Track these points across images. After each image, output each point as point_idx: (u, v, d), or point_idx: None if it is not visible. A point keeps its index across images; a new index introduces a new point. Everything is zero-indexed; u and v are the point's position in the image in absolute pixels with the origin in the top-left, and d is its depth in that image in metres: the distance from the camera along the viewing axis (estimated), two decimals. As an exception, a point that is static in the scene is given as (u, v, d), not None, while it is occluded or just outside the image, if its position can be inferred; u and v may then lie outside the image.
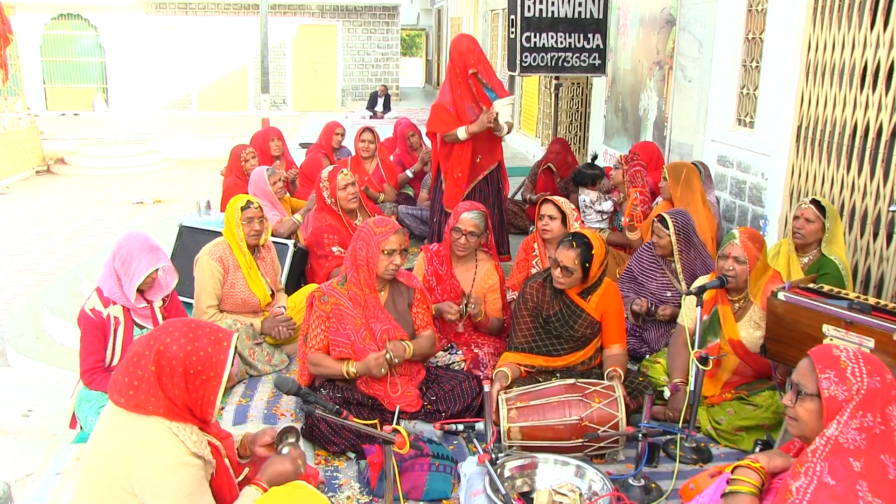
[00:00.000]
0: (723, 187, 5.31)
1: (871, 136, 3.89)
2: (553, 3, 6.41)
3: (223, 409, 3.45)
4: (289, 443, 2.34)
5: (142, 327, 3.28)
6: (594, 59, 6.64)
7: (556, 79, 8.04)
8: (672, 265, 3.97)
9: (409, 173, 6.50)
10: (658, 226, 3.93)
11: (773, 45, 4.70)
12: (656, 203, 4.92)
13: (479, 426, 2.87)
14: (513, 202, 6.43)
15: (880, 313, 2.58)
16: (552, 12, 6.43)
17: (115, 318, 3.22)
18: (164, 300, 3.39)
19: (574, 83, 9.48)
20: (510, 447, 2.99)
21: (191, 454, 2.00)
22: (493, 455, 2.68)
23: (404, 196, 6.37)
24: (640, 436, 2.76)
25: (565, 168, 6.52)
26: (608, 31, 6.66)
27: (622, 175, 5.16)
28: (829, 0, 4.20)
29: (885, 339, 2.50)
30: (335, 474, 2.97)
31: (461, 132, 4.60)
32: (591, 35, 6.57)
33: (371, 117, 16.96)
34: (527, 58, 6.48)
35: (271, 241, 4.30)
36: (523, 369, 3.36)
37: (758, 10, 4.99)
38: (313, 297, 3.29)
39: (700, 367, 2.97)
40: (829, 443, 1.78)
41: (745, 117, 5.21)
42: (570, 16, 6.48)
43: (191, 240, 4.75)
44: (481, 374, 3.55)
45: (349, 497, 2.83)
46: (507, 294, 4.00)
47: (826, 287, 2.89)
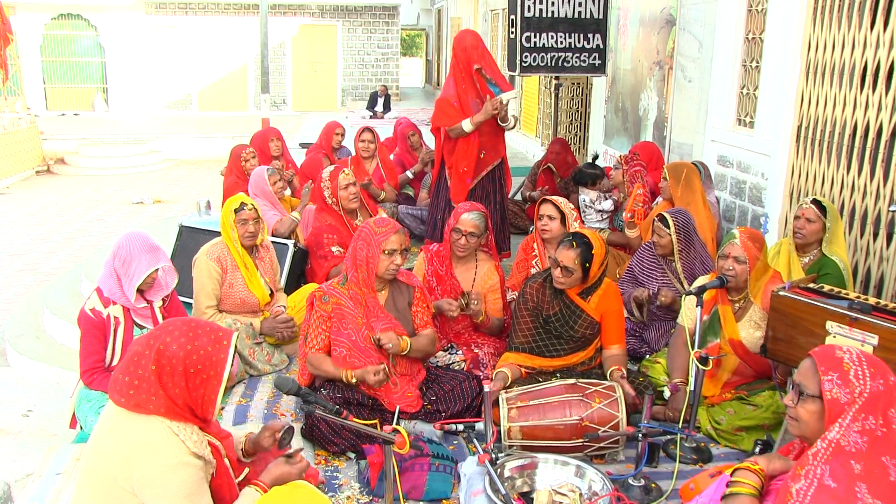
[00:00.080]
0: (723, 187, 5.31)
1: (871, 136, 3.89)
2: (553, 3, 6.41)
3: (223, 409, 3.44)
4: (295, 450, 2.34)
5: (142, 327, 3.27)
6: (594, 59, 6.64)
7: (556, 79, 8.04)
8: (672, 265, 3.97)
9: (409, 174, 6.50)
10: (659, 225, 3.93)
11: (773, 45, 4.70)
12: (656, 203, 4.92)
13: (479, 426, 2.87)
14: (513, 202, 6.42)
15: (881, 313, 2.57)
16: (552, 12, 6.43)
17: (115, 318, 3.22)
18: (163, 300, 3.39)
19: (574, 83, 9.48)
20: (510, 447, 2.99)
21: (191, 454, 2.00)
22: (493, 455, 2.68)
23: (404, 196, 6.36)
24: (640, 436, 2.76)
25: (565, 168, 6.52)
26: (608, 31, 6.66)
27: (622, 175, 5.16)
28: (829, 0, 4.21)
29: (889, 336, 2.48)
30: (335, 474, 2.97)
31: (466, 124, 4.60)
32: (591, 35, 6.57)
33: (371, 117, 16.96)
34: (527, 58, 6.48)
35: (270, 241, 4.29)
36: (524, 370, 3.36)
37: (758, 10, 4.99)
38: (314, 296, 3.29)
39: (700, 367, 2.97)
40: (831, 446, 1.77)
41: (745, 117, 5.21)
42: (570, 16, 6.48)
43: (191, 240, 4.75)
44: (481, 374, 3.55)
45: (349, 497, 2.83)
46: (507, 294, 4.00)
47: (826, 287, 2.89)
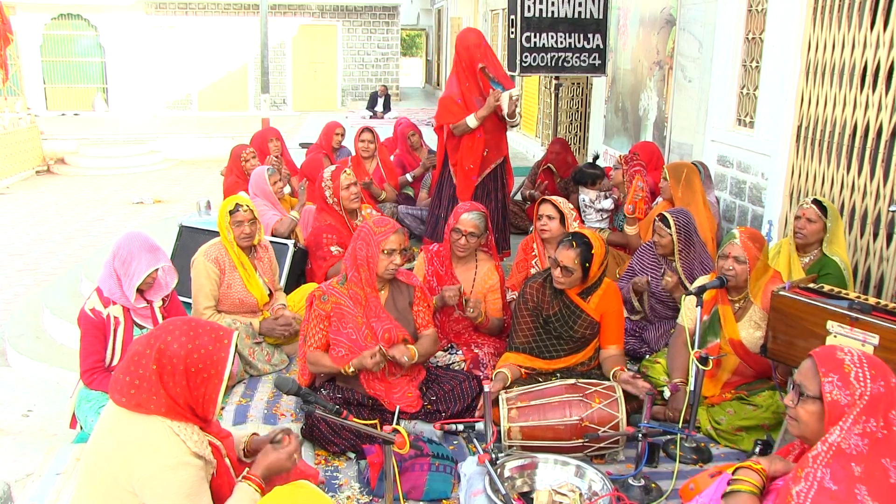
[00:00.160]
0: (723, 187, 5.31)
1: (871, 136, 3.89)
2: (553, 3, 6.41)
3: (223, 409, 3.45)
4: (279, 430, 2.28)
5: (142, 327, 3.28)
6: (594, 59, 6.64)
7: (556, 79, 8.04)
8: (673, 265, 3.97)
9: (408, 177, 6.49)
10: (660, 225, 3.93)
11: (773, 45, 4.70)
12: (656, 203, 4.92)
13: (479, 426, 2.87)
14: (513, 202, 6.41)
15: (881, 313, 2.57)
16: (552, 12, 6.43)
17: (115, 318, 3.22)
18: (163, 300, 3.39)
19: (574, 83, 9.48)
20: (510, 447, 2.99)
21: (191, 454, 2.00)
22: (493, 455, 2.68)
23: (404, 196, 6.36)
24: (640, 436, 2.76)
25: (565, 168, 6.51)
26: (608, 31, 6.66)
27: (622, 175, 5.16)
28: (829, 0, 4.21)
29: (889, 336, 2.47)
30: (335, 474, 2.97)
31: (470, 120, 4.59)
32: (591, 35, 6.57)
33: (371, 117, 16.95)
34: (527, 58, 6.48)
35: (269, 241, 4.29)
36: (524, 370, 3.36)
37: (758, 10, 4.99)
38: (313, 296, 3.29)
39: (700, 367, 2.97)
40: (832, 449, 1.77)
41: (745, 117, 5.21)
42: (570, 16, 6.48)
43: (191, 240, 4.75)
44: (481, 374, 3.55)
45: (349, 497, 2.83)
46: (507, 294, 4.00)
47: (826, 287, 2.89)
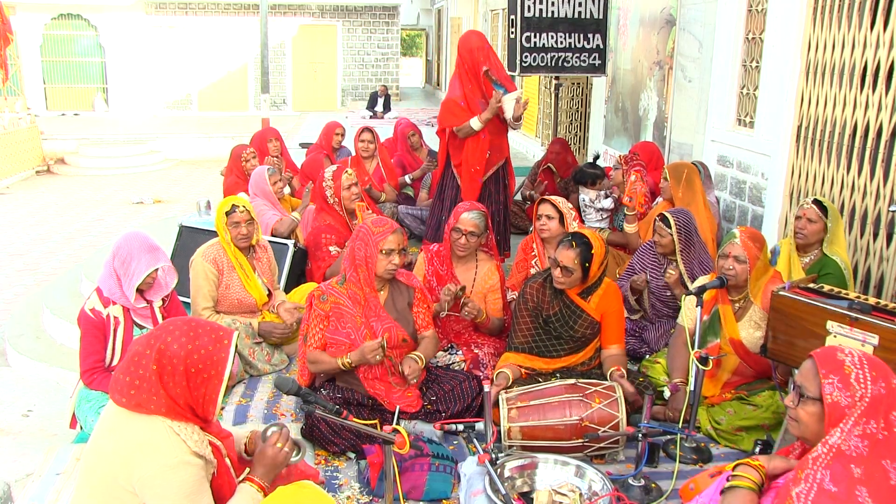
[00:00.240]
0: (723, 187, 5.31)
1: (871, 136, 3.89)
2: (553, 3, 6.41)
3: (223, 409, 3.45)
4: (272, 426, 2.26)
5: (142, 327, 3.28)
6: (594, 59, 6.64)
7: (556, 79, 8.04)
8: (673, 264, 3.97)
9: (408, 179, 6.49)
10: (660, 224, 3.93)
11: (773, 45, 4.70)
12: (656, 203, 4.92)
13: (479, 426, 2.87)
14: (513, 202, 6.41)
15: (881, 313, 2.57)
16: (552, 12, 6.43)
17: (115, 318, 3.22)
18: (163, 300, 3.39)
19: (574, 83, 9.48)
20: (510, 447, 2.99)
21: (192, 454, 2.00)
22: (493, 455, 2.68)
23: (404, 196, 6.36)
24: (640, 436, 2.76)
25: (565, 168, 6.51)
26: (608, 31, 6.66)
27: (622, 175, 5.16)
28: (829, 0, 4.20)
29: (889, 336, 2.47)
30: (335, 474, 2.97)
31: (475, 122, 4.59)
32: (591, 35, 6.57)
33: (371, 117, 16.94)
34: (527, 58, 6.48)
35: (268, 241, 4.28)
36: (524, 370, 3.36)
37: (758, 10, 4.99)
38: (313, 296, 3.30)
39: (700, 367, 2.96)
40: (832, 451, 1.76)
41: (745, 117, 5.21)
42: (570, 16, 6.48)
43: (191, 240, 4.75)
44: (481, 374, 3.54)
45: (349, 497, 2.83)
46: (507, 294, 4.00)
47: (826, 287, 2.88)
